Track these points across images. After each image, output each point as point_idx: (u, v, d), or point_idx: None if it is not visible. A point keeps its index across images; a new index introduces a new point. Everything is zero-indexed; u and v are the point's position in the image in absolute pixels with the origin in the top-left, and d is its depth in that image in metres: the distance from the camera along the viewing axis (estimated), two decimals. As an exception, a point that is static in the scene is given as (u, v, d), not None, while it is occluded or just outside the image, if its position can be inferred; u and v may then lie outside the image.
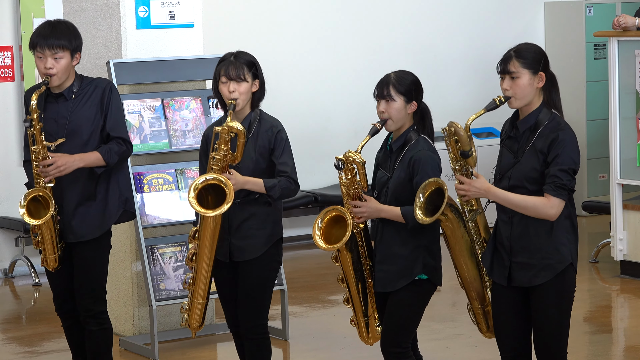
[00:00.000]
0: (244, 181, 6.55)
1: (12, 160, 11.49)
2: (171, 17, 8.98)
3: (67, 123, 6.91)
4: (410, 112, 6.19)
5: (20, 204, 6.84)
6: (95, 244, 7.02)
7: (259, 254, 6.68)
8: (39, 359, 8.75)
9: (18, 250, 11.35)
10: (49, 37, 6.84)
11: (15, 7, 11.43)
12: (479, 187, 5.74)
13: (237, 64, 6.66)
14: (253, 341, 6.83)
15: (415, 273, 6.12)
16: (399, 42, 12.84)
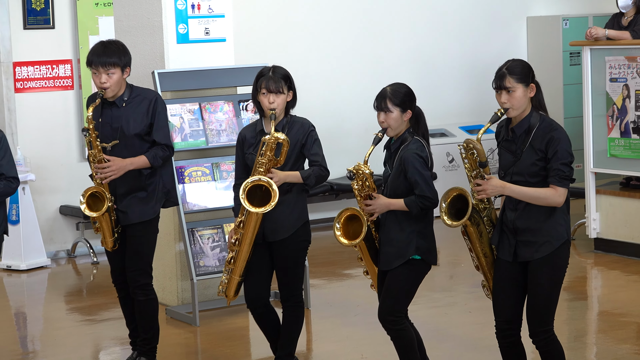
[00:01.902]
0: (285, 176, 6.63)
1: (72, 157, 11.50)
2: (207, 33, 8.98)
3: (119, 127, 6.94)
4: (406, 119, 6.19)
5: (80, 201, 6.87)
6: (143, 227, 7.06)
7: (288, 234, 6.71)
8: (97, 325, 8.76)
9: (79, 233, 11.38)
10: (102, 56, 6.87)
11: (74, 26, 11.43)
12: (495, 186, 5.75)
13: (276, 78, 6.68)
14: (291, 308, 6.85)
15: (409, 254, 6.12)
16: (402, 52, 12.82)
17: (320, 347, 7.92)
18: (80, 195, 6.90)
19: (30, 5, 11.23)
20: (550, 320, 5.84)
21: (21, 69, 11.25)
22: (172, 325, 8.50)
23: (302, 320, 6.92)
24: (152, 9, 8.87)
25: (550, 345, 5.84)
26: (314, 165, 6.71)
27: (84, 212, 6.87)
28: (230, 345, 7.98)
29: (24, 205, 10.70)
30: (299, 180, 6.66)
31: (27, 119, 11.26)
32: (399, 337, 6.23)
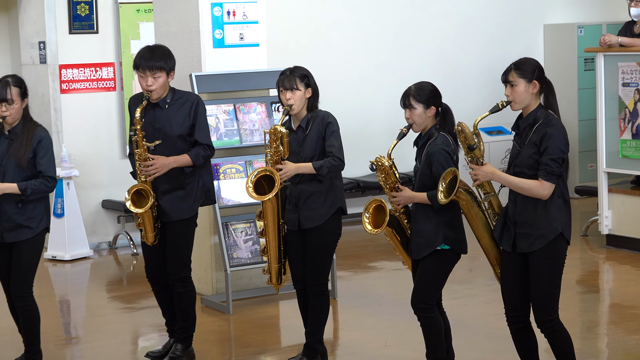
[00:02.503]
0: (296, 168, 6.70)
1: (114, 154, 11.54)
2: (241, 38, 9.00)
3: (162, 127, 6.96)
4: (430, 115, 6.20)
5: (125, 197, 6.90)
6: (183, 223, 7.07)
7: (320, 223, 6.74)
8: (136, 313, 8.80)
9: (119, 226, 11.42)
10: (149, 60, 6.88)
11: (117, 31, 11.47)
12: (485, 172, 5.79)
13: (291, 77, 6.76)
14: (316, 296, 6.87)
15: (437, 244, 6.14)
16: (426, 57, 12.79)
17: (346, 336, 7.92)
18: (126, 192, 6.93)
19: (76, 11, 11.28)
20: (554, 310, 5.82)
21: (67, 71, 11.30)
22: (207, 313, 8.52)
23: (328, 309, 6.93)
24: (190, 15, 8.90)
25: (556, 333, 5.83)
26: (328, 156, 6.71)
27: (129, 208, 6.89)
28: (262, 332, 7.99)
29: (69, 200, 10.75)
30: (311, 171, 6.70)
31: (72, 118, 11.31)
32: (427, 324, 6.26)
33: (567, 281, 5.96)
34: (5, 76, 6.85)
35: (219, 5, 8.89)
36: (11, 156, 6.77)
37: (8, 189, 6.72)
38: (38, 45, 11.32)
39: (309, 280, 6.86)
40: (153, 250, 7.13)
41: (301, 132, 6.78)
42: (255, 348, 7.59)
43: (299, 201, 6.78)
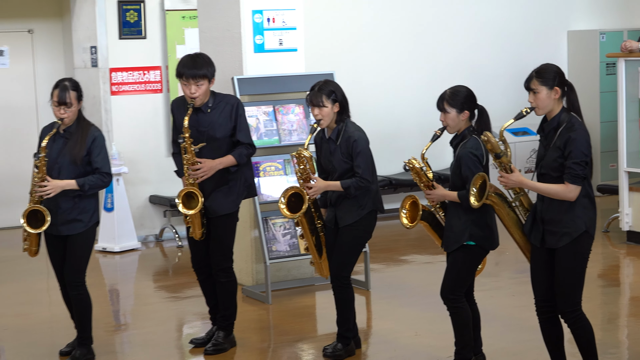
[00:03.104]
0: (325, 185, 6.80)
1: (161, 152, 11.59)
2: (280, 44, 9.00)
3: (206, 130, 6.98)
4: (464, 119, 6.19)
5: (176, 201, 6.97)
6: (226, 218, 7.10)
7: (352, 221, 6.76)
8: (181, 302, 8.82)
9: (166, 220, 11.46)
10: (192, 68, 6.88)
11: (163, 36, 11.52)
12: (514, 180, 5.76)
13: (319, 94, 6.78)
14: (338, 288, 6.88)
15: (464, 240, 6.15)
16: (454, 62, 12.76)
17: (379, 325, 7.91)
18: (176, 195, 6.97)
19: (125, 18, 11.33)
20: (577, 302, 5.79)
21: (116, 74, 11.35)
22: (248, 303, 8.54)
23: (351, 300, 6.93)
24: (233, 21, 8.91)
25: (578, 324, 5.80)
26: (356, 176, 6.73)
27: (181, 210, 6.91)
28: (299, 321, 8.00)
29: (118, 195, 10.80)
30: (339, 189, 6.75)
31: (121, 118, 11.37)
32: (456, 314, 6.27)
33: (589, 275, 5.92)
34: (62, 80, 6.88)
35: (260, 13, 8.90)
36: (66, 154, 6.81)
37: (67, 186, 6.77)
38: (90, 50, 11.38)
39: (332, 273, 6.87)
40: (198, 243, 7.16)
41: (332, 143, 6.82)
42: (293, 336, 7.60)
43: (337, 201, 6.83)
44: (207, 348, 7.20)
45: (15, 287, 9.47)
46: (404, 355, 7.02)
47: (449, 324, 6.43)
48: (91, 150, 6.80)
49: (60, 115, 6.78)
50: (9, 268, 10.22)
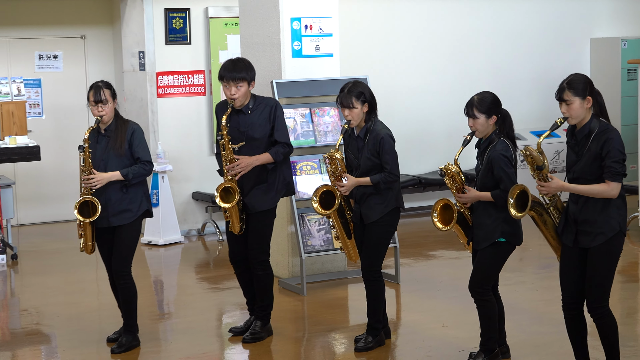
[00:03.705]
0: (356, 181, 6.77)
1: (203, 151, 11.62)
2: (317, 49, 8.99)
3: (246, 131, 6.99)
4: (492, 123, 6.16)
5: (214, 195, 6.98)
6: (264, 214, 7.10)
7: (376, 219, 6.74)
8: (221, 293, 8.84)
9: (207, 215, 11.49)
10: (233, 72, 6.92)
11: (207, 42, 11.54)
12: (555, 187, 5.67)
13: (348, 96, 6.76)
14: (369, 281, 6.87)
15: (495, 237, 6.14)
16: (481, 67, 12.71)
17: (408, 317, 7.89)
18: (215, 189, 6.98)
19: (171, 25, 11.37)
20: (606, 298, 5.73)
21: (163, 77, 11.39)
22: (284, 294, 8.54)
23: (381, 292, 6.90)
24: (272, 29, 8.92)
25: (605, 319, 5.75)
26: (384, 172, 6.71)
27: (218, 204, 6.93)
28: (332, 312, 7.99)
29: (163, 191, 10.84)
30: (369, 184, 6.73)
31: (166, 119, 11.41)
32: (482, 307, 6.25)
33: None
34: (96, 82, 6.96)
35: (298, 20, 8.90)
36: (110, 150, 6.87)
37: (112, 177, 6.83)
38: (138, 55, 11.42)
39: (363, 267, 6.86)
40: (236, 237, 7.16)
41: (360, 140, 6.80)
42: (326, 326, 7.59)
43: (361, 199, 6.82)
44: (245, 337, 7.20)
45: (66, 277, 9.52)
46: (431, 345, 6.99)
47: (475, 316, 6.40)
48: (131, 142, 6.87)
49: (98, 113, 6.84)
50: (60, 259, 10.29)
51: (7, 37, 12.09)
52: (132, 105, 11.60)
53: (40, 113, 12.08)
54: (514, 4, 12.90)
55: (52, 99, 12.26)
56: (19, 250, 10.64)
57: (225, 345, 7.26)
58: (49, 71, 12.27)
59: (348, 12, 11.83)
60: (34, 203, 12.29)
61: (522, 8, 12.94)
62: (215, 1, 11.54)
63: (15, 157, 10.62)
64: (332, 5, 9.03)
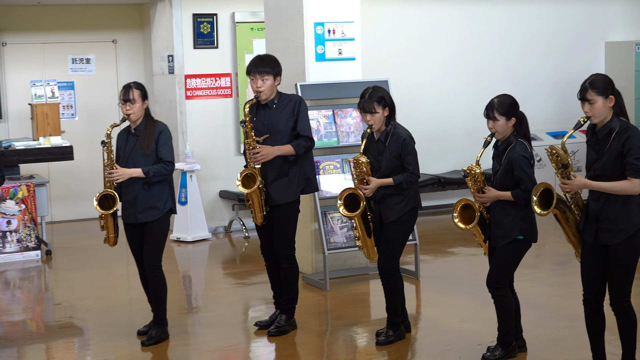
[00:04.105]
0: (378, 183, 6.75)
1: (230, 151, 11.63)
2: (339, 53, 8.99)
3: (270, 124, 7.01)
4: (510, 125, 6.14)
5: (237, 178, 6.97)
6: (287, 207, 7.09)
7: (394, 218, 6.73)
8: (247, 288, 8.84)
9: (234, 213, 11.50)
10: (259, 66, 6.97)
11: (233, 46, 11.56)
12: (579, 184, 5.63)
13: (370, 101, 6.74)
14: (386, 278, 6.85)
15: (514, 235, 6.12)
16: (499, 69, 12.67)
17: (427, 311, 7.87)
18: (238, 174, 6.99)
19: (199, 29, 11.39)
20: (627, 293, 5.69)
21: (191, 80, 11.41)
22: (307, 289, 8.53)
23: (399, 288, 6.89)
24: (296, 33, 8.92)
25: (626, 313, 5.71)
26: (406, 172, 6.70)
27: (239, 189, 6.97)
28: (354, 307, 7.98)
29: (191, 190, 10.86)
30: (391, 184, 6.71)
31: (195, 120, 11.43)
32: (500, 302, 6.23)
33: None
34: (128, 82, 6.98)
35: (321, 25, 8.89)
36: (138, 149, 6.91)
37: (134, 173, 6.87)
38: (167, 58, 11.45)
39: (381, 266, 6.84)
40: (266, 231, 7.18)
41: (381, 144, 6.78)
42: (348, 320, 7.58)
43: (381, 199, 6.80)
44: (271, 330, 7.21)
45: (98, 272, 9.56)
46: (450, 339, 6.97)
47: (492, 311, 6.38)
48: (157, 142, 6.89)
49: (126, 112, 6.88)
50: (92, 255, 10.33)
51: (42, 41, 12.15)
52: (162, 107, 11.62)
53: (73, 114, 12.14)
54: (531, 9, 12.85)
55: (84, 101, 12.32)
56: (53, 246, 10.69)
57: (251, 338, 7.26)
58: (81, 74, 12.32)
59: (369, 16, 11.82)
60: (67, 201, 12.35)
61: (538, 12, 12.89)
62: (242, 6, 11.55)
63: (49, 156, 10.67)
64: (354, 11, 9.02)
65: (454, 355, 6.61)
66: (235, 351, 6.97)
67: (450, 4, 12.45)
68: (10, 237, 10.05)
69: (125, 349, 7.01)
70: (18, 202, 10.07)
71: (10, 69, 12.07)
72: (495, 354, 6.33)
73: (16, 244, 10.07)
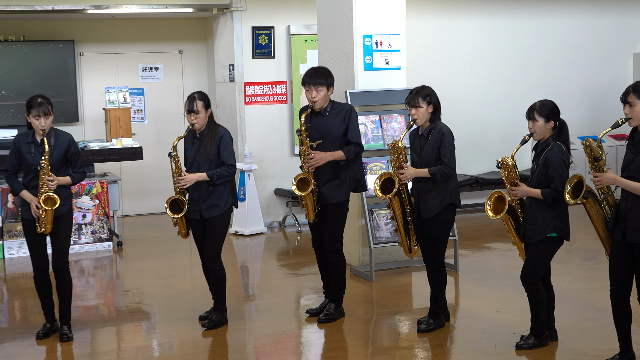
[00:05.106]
0: (414, 172, 6.68)
1: (285, 152, 11.64)
2: (386, 63, 8.95)
3: (323, 131, 6.99)
4: (549, 127, 6.06)
5: (292, 182, 6.99)
6: (338, 206, 7.07)
7: (433, 214, 6.67)
8: (299, 278, 8.84)
9: (288, 209, 11.51)
10: (314, 77, 6.95)
11: (289, 56, 11.56)
12: (608, 178, 5.55)
13: (416, 97, 6.70)
14: (433, 272, 6.80)
15: (548, 232, 6.05)
16: (534, 78, 12.54)
17: (465, 302, 7.81)
18: (292, 178, 7.00)
19: (258, 41, 11.41)
20: None
21: (249, 87, 11.44)
22: (354, 280, 8.51)
23: (444, 280, 6.84)
24: (347, 44, 8.90)
25: None
26: (442, 164, 6.63)
27: (294, 192, 6.97)
28: (397, 297, 7.94)
29: (249, 187, 10.89)
30: (426, 175, 6.64)
31: (253, 124, 11.45)
32: (533, 295, 6.17)
33: None
34: (192, 93, 6.99)
35: (369, 37, 8.86)
36: (202, 153, 6.92)
37: (200, 178, 6.88)
38: (228, 67, 11.49)
39: (427, 259, 6.80)
40: (317, 226, 7.17)
41: (423, 139, 6.73)
42: (392, 309, 7.55)
43: (419, 195, 6.74)
44: (320, 317, 7.20)
45: (164, 262, 9.62)
46: (486, 328, 6.91)
47: (526, 303, 6.32)
48: (219, 146, 6.89)
49: (191, 121, 6.90)
50: (158, 247, 10.40)
51: (115, 51, 12.26)
52: (223, 112, 11.67)
53: (143, 118, 12.23)
54: (564, 22, 12.70)
55: (153, 106, 12.41)
56: (124, 238, 10.78)
57: (302, 325, 7.26)
58: (151, 81, 12.41)
59: (413, 29, 11.76)
60: (137, 197, 12.45)
61: (571, 25, 12.74)
62: (297, 20, 11.55)
63: (121, 156, 10.77)
64: (400, 24, 8.98)
65: (489, 342, 6.55)
66: (287, 336, 6.97)
67: (488, 17, 12.35)
68: (85, 230, 10.16)
69: (188, 332, 7.04)
70: (92, 198, 10.17)
71: (87, 76, 12.19)
72: (529, 343, 6.28)
73: (90, 236, 10.18)
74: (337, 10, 9.00)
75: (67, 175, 6.78)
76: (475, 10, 12.29)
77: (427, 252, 6.79)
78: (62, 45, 11.85)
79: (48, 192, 6.62)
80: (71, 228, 6.87)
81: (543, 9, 12.60)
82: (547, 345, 6.35)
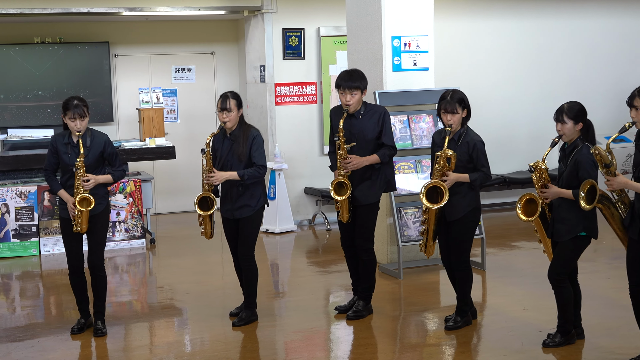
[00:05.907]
0: (456, 177, 6.59)
1: (314, 152, 11.64)
2: (414, 64, 8.93)
3: (357, 133, 6.97)
4: (577, 129, 6.02)
5: (329, 188, 7.00)
6: (370, 207, 7.06)
7: (459, 217, 6.64)
8: (328, 275, 8.84)
9: (317, 208, 11.51)
10: (348, 81, 6.92)
11: (319, 57, 11.56)
12: (619, 182, 5.54)
13: (452, 102, 6.60)
14: (460, 271, 6.77)
15: (577, 231, 6.00)
16: (561, 79, 12.46)
17: (492, 300, 7.77)
18: (330, 184, 7.00)
19: (288, 42, 11.43)
20: None
21: (280, 88, 11.46)
22: (383, 278, 8.50)
23: (470, 279, 6.80)
24: (376, 46, 8.89)
25: None
26: (481, 171, 6.60)
27: (333, 196, 6.95)
28: (425, 294, 7.92)
29: (279, 186, 10.91)
30: (467, 180, 6.59)
31: (283, 124, 11.47)
32: (560, 293, 6.13)
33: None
34: (225, 92, 6.99)
35: (398, 39, 8.84)
36: (233, 153, 6.92)
37: (230, 176, 6.88)
38: (259, 68, 11.52)
39: (454, 260, 6.77)
40: (346, 226, 7.16)
41: (453, 143, 6.68)
42: (420, 306, 7.53)
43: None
44: (349, 314, 7.19)
45: (196, 259, 9.65)
46: (513, 326, 6.87)
47: (553, 301, 6.28)
48: (251, 147, 6.89)
49: (222, 119, 6.89)
50: (190, 244, 10.44)
51: (148, 53, 12.33)
52: (254, 112, 11.69)
53: (175, 118, 12.29)
54: (591, 22, 12.61)
55: (186, 106, 12.46)
56: (157, 235, 10.83)
57: (331, 322, 7.26)
58: (183, 82, 12.46)
59: (442, 31, 11.72)
60: (170, 195, 12.51)
61: (599, 26, 12.65)
62: (326, 22, 11.55)
63: (154, 155, 10.82)
64: (428, 25, 8.96)
65: (516, 340, 6.52)
66: (316, 332, 6.97)
67: (516, 18, 12.29)
68: (119, 227, 10.22)
69: (219, 328, 7.06)
70: (126, 196, 10.23)
71: (121, 77, 12.27)
72: (555, 340, 6.23)
73: (124, 233, 10.24)
74: (366, 12, 8.99)
75: (105, 174, 6.83)
76: (501, 11, 12.23)
77: (450, 253, 6.74)
78: (97, 47, 11.94)
79: (83, 193, 6.66)
80: (107, 227, 6.91)
81: (569, 10, 12.52)
82: (573, 344, 6.30)
